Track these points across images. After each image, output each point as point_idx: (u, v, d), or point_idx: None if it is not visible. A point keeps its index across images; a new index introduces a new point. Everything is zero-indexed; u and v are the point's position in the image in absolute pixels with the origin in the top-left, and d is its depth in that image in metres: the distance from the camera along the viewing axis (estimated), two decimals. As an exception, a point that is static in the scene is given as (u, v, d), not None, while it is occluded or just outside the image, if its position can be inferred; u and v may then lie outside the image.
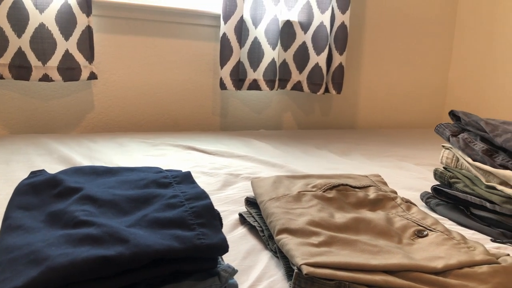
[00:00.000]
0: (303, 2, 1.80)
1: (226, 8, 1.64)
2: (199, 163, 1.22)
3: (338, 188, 0.81)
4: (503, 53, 2.01)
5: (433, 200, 0.99)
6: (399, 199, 0.81)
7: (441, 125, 1.01)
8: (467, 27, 2.20)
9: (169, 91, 1.74)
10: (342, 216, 0.72)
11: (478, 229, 0.87)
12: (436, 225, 0.72)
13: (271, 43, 1.73)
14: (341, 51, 1.83)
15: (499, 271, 0.60)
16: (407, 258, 0.61)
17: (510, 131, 0.88)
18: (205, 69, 1.78)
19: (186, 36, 1.73)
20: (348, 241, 0.64)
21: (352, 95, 2.11)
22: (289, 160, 1.34)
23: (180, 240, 0.44)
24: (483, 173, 0.88)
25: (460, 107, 2.24)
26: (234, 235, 0.76)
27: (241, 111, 1.88)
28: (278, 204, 0.74)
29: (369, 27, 2.08)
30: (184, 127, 1.79)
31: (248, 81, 1.75)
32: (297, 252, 0.60)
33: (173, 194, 0.54)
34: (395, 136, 1.90)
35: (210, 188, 1.02)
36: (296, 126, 2.01)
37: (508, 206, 0.82)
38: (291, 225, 0.67)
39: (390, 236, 0.69)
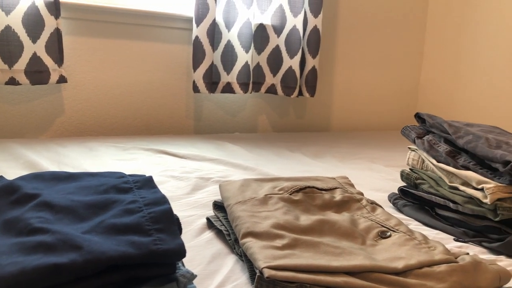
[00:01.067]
0: (276, 6, 1.81)
1: (199, 11, 1.63)
2: (169, 167, 1.21)
3: (304, 191, 0.82)
4: (473, 55, 2.07)
5: (400, 201, 1.01)
6: (365, 201, 0.82)
7: (407, 127, 1.03)
8: (437, 30, 2.26)
9: (141, 94, 1.72)
10: (307, 218, 0.73)
11: (442, 228, 0.89)
12: (399, 226, 0.74)
13: (244, 46, 1.74)
14: (314, 54, 1.85)
15: (457, 270, 0.61)
16: (369, 259, 0.62)
17: (471, 133, 0.91)
18: (178, 72, 1.77)
19: (158, 39, 1.72)
20: (311, 243, 0.65)
21: (326, 97, 2.13)
22: (261, 163, 1.34)
23: (136, 246, 0.44)
24: (446, 174, 0.91)
25: (432, 108, 2.29)
26: (201, 239, 0.76)
27: (215, 114, 1.87)
28: (244, 207, 0.74)
29: (342, 30, 2.11)
30: (157, 130, 1.77)
31: (221, 84, 1.75)
32: (260, 255, 0.60)
33: (132, 199, 0.53)
34: (368, 138, 1.93)
35: (180, 192, 1.01)
36: (271, 129, 2.02)
37: (470, 206, 0.84)
38: (256, 228, 0.67)
39: (354, 238, 0.70)
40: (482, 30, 2.02)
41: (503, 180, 0.79)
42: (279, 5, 1.81)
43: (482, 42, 2.02)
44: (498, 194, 0.78)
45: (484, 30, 2.01)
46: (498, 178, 0.80)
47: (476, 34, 2.04)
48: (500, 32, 1.94)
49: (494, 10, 1.96)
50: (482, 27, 2.01)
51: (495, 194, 0.78)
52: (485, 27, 2.00)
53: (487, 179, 0.81)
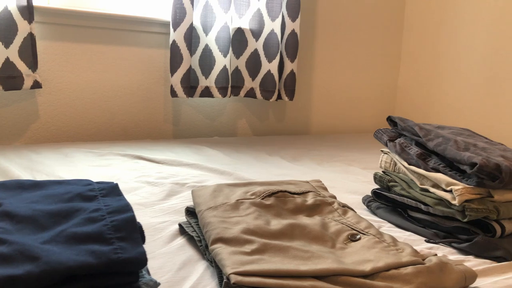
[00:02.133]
0: (254, 10, 1.82)
1: (176, 16, 1.63)
2: (145, 173, 1.20)
3: (277, 195, 0.82)
4: (449, 58, 2.11)
5: (374, 204, 1.02)
6: (336, 204, 0.83)
7: (379, 130, 1.04)
8: (414, 33, 2.29)
9: (118, 99, 1.71)
10: (278, 222, 0.73)
11: (414, 230, 0.90)
12: (369, 229, 0.74)
13: (222, 50, 1.74)
14: (292, 58, 1.86)
15: (423, 271, 0.62)
16: (337, 262, 0.63)
17: (441, 136, 0.92)
18: (156, 77, 1.76)
19: (135, 44, 1.71)
20: (280, 247, 0.65)
21: (305, 101, 2.14)
22: (239, 167, 1.34)
23: (95, 255, 0.43)
24: (417, 177, 0.92)
25: (410, 111, 2.33)
26: (172, 246, 0.76)
27: (194, 118, 1.87)
28: (215, 213, 0.74)
29: (320, 34, 2.12)
30: (135, 136, 1.76)
31: (200, 88, 1.75)
32: (228, 261, 0.60)
33: (96, 207, 0.52)
34: (346, 141, 1.95)
35: (154, 198, 1.00)
36: (251, 132, 2.02)
37: (440, 208, 0.85)
38: (226, 234, 0.67)
39: (324, 241, 0.70)
40: (458, 33, 2.05)
41: (470, 182, 0.81)
42: (257, 9, 1.82)
43: (458, 45, 2.05)
44: (466, 195, 0.80)
45: (460, 33, 2.05)
46: (466, 180, 0.82)
47: (452, 37, 2.08)
48: (476, 35, 1.98)
49: (470, 13, 2.00)
50: (458, 30, 2.05)
51: (463, 195, 0.80)
52: (462, 30, 2.04)
53: (455, 181, 0.83)
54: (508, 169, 0.78)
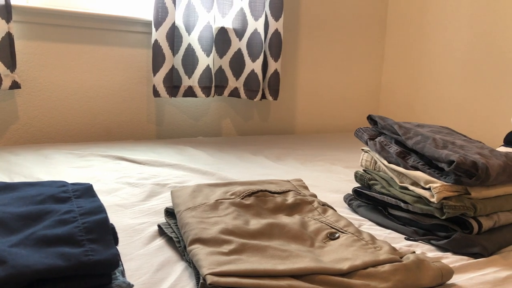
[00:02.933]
0: (237, 9, 1.81)
1: (158, 15, 1.61)
2: (126, 174, 1.19)
3: (257, 195, 0.82)
4: (432, 56, 2.13)
5: (355, 202, 1.02)
6: (316, 203, 0.83)
7: (360, 129, 1.05)
8: (397, 32, 2.31)
9: (100, 99, 1.69)
10: (257, 222, 0.73)
11: (394, 228, 0.91)
12: (348, 227, 0.74)
13: (205, 49, 1.73)
14: (276, 57, 1.86)
15: (400, 269, 0.62)
16: (315, 261, 0.62)
17: (420, 134, 0.93)
18: (138, 77, 1.75)
19: (117, 43, 1.69)
20: (258, 247, 0.65)
21: (290, 100, 2.15)
22: (222, 168, 1.34)
23: (65, 257, 0.43)
24: (397, 175, 0.92)
25: (393, 110, 2.35)
26: (151, 247, 0.75)
27: (178, 118, 1.86)
28: (194, 213, 0.73)
29: (304, 33, 2.13)
30: (118, 136, 1.74)
31: (183, 88, 1.74)
32: (205, 262, 0.59)
33: (68, 209, 0.51)
34: (330, 140, 1.96)
35: (134, 199, 0.99)
36: (236, 132, 2.02)
37: (419, 205, 0.86)
38: (204, 234, 0.66)
39: (303, 240, 0.70)
40: (440, 32, 2.08)
41: (448, 180, 0.81)
42: (240, 8, 1.81)
43: (440, 44, 2.08)
44: (444, 193, 0.80)
45: (442, 33, 2.07)
46: (444, 178, 0.82)
47: (434, 37, 2.10)
48: (457, 35, 2.00)
49: (452, 13, 2.02)
50: (440, 29, 2.07)
51: (441, 193, 0.80)
52: (443, 29, 2.06)
53: (434, 178, 0.83)
54: (484, 166, 0.79)
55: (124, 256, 0.71)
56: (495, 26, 1.83)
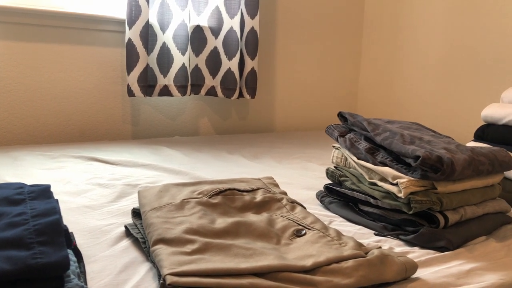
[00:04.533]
0: (212, 7, 1.80)
1: (131, 13, 1.59)
2: (98, 175, 1.17)
3: (224, 193, 0.81)
4: (408, 55, 2.15)
5: (327, 199, 1.02)
6: (285, 200, 0.83)
7: (330, 126, 1.05)
8: (374, 31, 2.33)
9: (74, 100, 1.66)
10: (223, 221, 0.72)
11: (364, 224, 0.91)
12: (315, 224, 0.75)
13: (180, 48, 1.71)
14: (252, 56, 1.85)
15: (363, 265, 0.62)
16: (279, 258, 0.62)
17: (389, 130, 0.93)
18: (113, 76, 1.72)
19: (90, 42, 1.66)
20: (222, 246, 0.64)
21: (268, 98, 2.14)
22: (196, 167, 1.33)
23: (11, 261, 0.41)
24: (366, 171, 0.93)
25: (371, 107, 2.36)
26: (116, 248, 0.74)
27: (154, 118, 1.84)
28: (159, 213, 0.72)
29: (281, 32, 2.13)
30: (92, 137, 1.71)
31: (158, 87, 1.72)
32: (166, 262, 0.59)
33: (20, 211, 0.50)
34: (308, 138, 1.96)
35: (103, 200, 0.98)
36: (214, 131, 2.01)
37: (387, 201, 0.86)
38: (167, 234, 0.66)
39: (269, 238, 0.70)
40: (416, 31, 2.10)
41: (415, 175, 0.82)
42: (215, 6, 1.80)
43: (416, 43, 2.10)
44: (410, 188, 0.81)
45: (418, 32, 2.09)
46: (411, 173, 0.83)
47: (410, 36, 2.13)
48: (433, 34, 2.02)
49: (427, 13, 2.04)
50: (416, 29, 2.10)
51: (408, 188, 0.81)
52: (419, 28, 2.08)
53: (401, 174, 0.84)
54: (449, 161, 0.80)
55: (87, 258, 0.69)
56: (467, 26, 1.85)
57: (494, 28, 1.75)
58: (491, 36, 1.77)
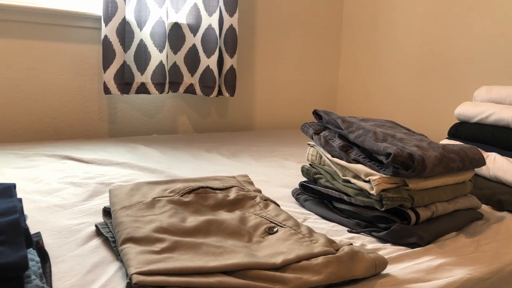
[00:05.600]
0: (191, 5, 1.79)
1: (107, 10, 1.57)
2: (71, 173, 1.15)
3: (197, 191, 0.80)
4: (386, 54, 2.17)
5: (302, 196, 1.03)
6: (259, 198, 0.83)
7: (305, 124, 1.05)
8: (353, 30, 2.35)
9: (49, 97, 1.63)
10: (194, 219, 0.71)
11: (338, 221, 0.92)
12: (287, 221, 0.75)
13: (157, 45, 1.69)
14: (231, 53, 1.84)
15: (332, 261, 0.63)
16: (249, 256, 0.62)
17: (362, 128, 0.94)
18: (89, 73, 1.70)
19: (65, 39, 1.63)
20: (192, 244, 0.64)
21: (248, 96, 2.14)
22: (173, 165, 1.32)
23: (-34, 262, 0.40)
24: (340, 168, 0.93)
25: (350, 106, 2.38)
26: (85, 248, 0.72)
27: (132, 116, 1.81)
28: (129, 212, 0.71)
29: (260, 30, 2.13)
30: (68, 135, 1.68)
31: (136, 85, 1.70)
32: (133, 261, 0.58)
33: (-21, 211, 0.49)
34: (287, 136, 1.96)
35: (75, 199, 0.96)
36: (193, 129, 2.00)
37: (360, 198, 0.87)
38: (136, 233, 0.65)
39: (241, 236, 0.70)
40: (393, 31, 2.12)
41: (387, 172, 0.83)
42: (193, 4, 1.79)
43: (394, 43, 2.12)
44: (382, 185, 0.82)
45: (395, 31, 2.11)
46: (384, 170, 0.84)
47: (388, 35, 2.15)
48: (410, 33, 2.05)
49: (405, 13, 2.07)
50: (394, 28, 2.12)
51: (380, 185, 0.82)
52: (397, 28, 2.11)
53: (373, 171, 0.85)
54: (420, 158, 0.81)
55: (55, 259, 0.68)
56: (442, 28, 1.88)
57: (467, 30, 1.79)
58: (464, 37, 1.80)
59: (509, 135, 1.15)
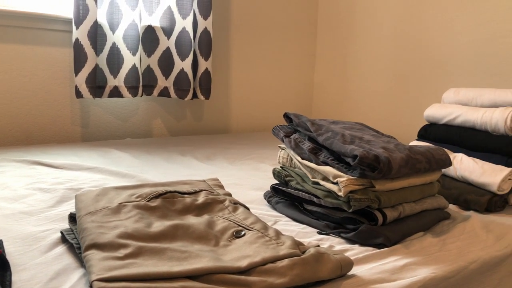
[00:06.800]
0: (164, 8, 1.78)
1: (78, 13, 1.55)
2: (40, 179, 1.13)
3: (164, 196, 0.80)
4: (361, 55, 2.20)
5: (274, 199, 1.03)
6: (228, 201, 0.83)
7: (276, 127, 1.06)
8: (328, 31, 2.37)
9: (19, 101, 1.59)
10: (161, 224, 0.71)
11: (308, 223, 0.93)
12: (255, 224, 0.75)
13: (130, 48, 1.68)
14: (206, 56, 1.84)
15: (298, 263, 0.63)
16: (215, 260, 0.62)
17: (331, 130, 0.95)
18: (60, 77, 1.67)
19: (36, 42, 1.60)
20: (157, 250, 0.63)
21: (223, 99, 2.14)
22: (145, 170, 1.30)
23: None
24: (310, 170, 0.94)
25: (326, 108, 2.41)
26: (49, 255, 0.71)
27: (105, 120, 1.79)
28: (94, 218, 0.70)
29: (235, 32, 2.13)
30: (39, 140, 1.65)
31: (108, 88, 1.68)
32: (95, 267, 0.57)
33: None
34: (263, 138, 1.97)
35: (42, 205, 0.94)
36: (168, 133, 1.98)
37: (329, 200, 0.88)
38: (100, 239, 0.64)
39: (208, 240, 0.70)
40: (368, 32, 2.15)
41: (354, 174, 0.84)
42: (167, 6, 1.78)
43: (368, 43, 2.15)
44: (350, 186, 0.83)
45: (370, 32, 2.15)
46: (351, 172, 0.85)
47: (363, 36, 2.18)
48: (384, 34, 2.08)
49: (377, 18, 2.10)
50: (368, 29, 2.15)
51: (347, 187, 0.83)
52: (371, 29, 2.14)
53: (341, 173, 0.86)
54: (386, 160, 0.82)
55: (17, 267, 0.66)
56: (413, 33, 1.92)
57: (436, 35, 1.83)
58: (433, 42, 1.84)
59: (475, 136, 1.18)
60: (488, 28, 1.67)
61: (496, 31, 1.65)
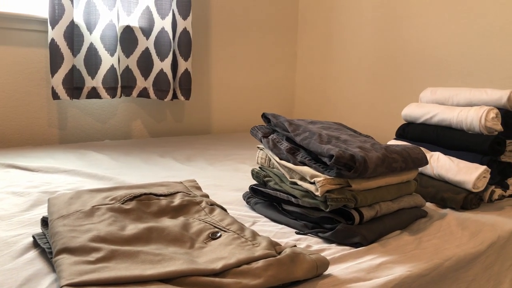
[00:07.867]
0: (143, 8, 1.76)
1: (54, 12, 1.52)
2: (14, 182, 1.10)
3: (139, 198, 0.79)
4: (342, 56, 2.22)
5: (253, 199, 1.03)
6: (204, 203, 0.82)
7: (255, 127, 1.06)
8: (308, 32, 2.38)
9: (-8, 103, 1.55)
10: (135, 227, 0.70)
11: (286, 223, 0.92)
12: (231, 225, 0.74)
13: (108, 49, 1.66)
14: (186, 57, 1.83)
15: (273, 264, 0.63)
16: (189, 263, 0.61)
17: (308, 130, 0.95)
18: (36, 78, 1.63)
19: (10, 42, 1.56)
20: (130, 253, 0.62)
21: (204, 100, 2.13)
22: (123, 172, 1.29)
23: None
24: (287, 171, 0.94)
25: (307, 108, 2.41)
26: (20, 260, 0.69)
27: (83, 121, 1.76)
28: (66, 222, 0.69)
29: (215, 32, 2.12)
30: (15, 142, 1.61)
31: (86, 89, 1.65)
32: (65, 272, 0.56)
33: None
34: (244, 139, 1.97)
35: (15, 209, 0.92)
36: (148, 134, 1.96)
37: (307, 200, 0.88)
38: (72, 243, 0.63)
39: (183, 242, 0.69)
40: (348, 33, 2.17)
41: (331, 173, 0.84)
42: (146, 7, 1.76)
43: (348, 44, 2.17)
44: (326, 186, 0.83)
45: (350, 33, 2.16)
46: (328, 172, 0.85)
47: (343, 37, 2.19)
48: (363, 36, 2.10)
49: (357, 20, 2.12)
50: (348, 30, 2.17)
51: (324, 186, 0.83)
52: (351, 30, 2.15)
53: (318, 173, 0.86)
54: (362, 159, 0.82)
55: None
56: (391, 35, 1.94)
57: (413, 37, 1.85)
58: (411, 44, 1.86)
59: (451, 135, 1.20)
60: (463, 29, 1.70)
61: (471, 31, 1.68)
